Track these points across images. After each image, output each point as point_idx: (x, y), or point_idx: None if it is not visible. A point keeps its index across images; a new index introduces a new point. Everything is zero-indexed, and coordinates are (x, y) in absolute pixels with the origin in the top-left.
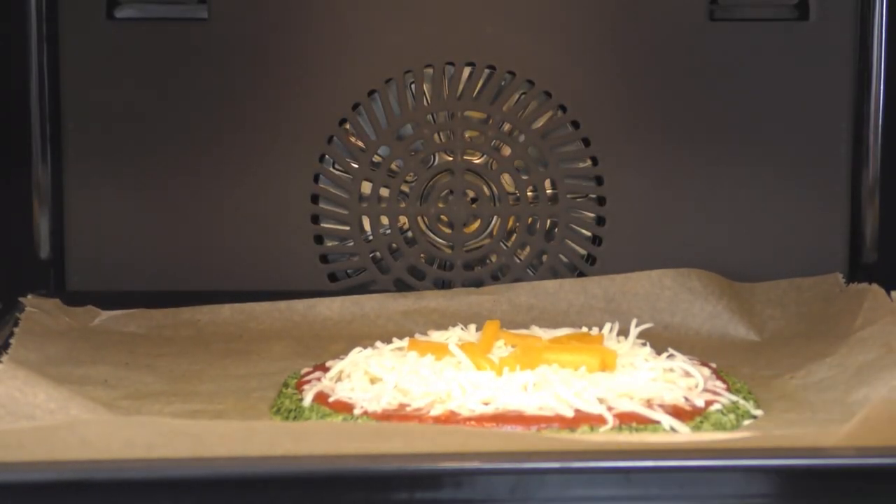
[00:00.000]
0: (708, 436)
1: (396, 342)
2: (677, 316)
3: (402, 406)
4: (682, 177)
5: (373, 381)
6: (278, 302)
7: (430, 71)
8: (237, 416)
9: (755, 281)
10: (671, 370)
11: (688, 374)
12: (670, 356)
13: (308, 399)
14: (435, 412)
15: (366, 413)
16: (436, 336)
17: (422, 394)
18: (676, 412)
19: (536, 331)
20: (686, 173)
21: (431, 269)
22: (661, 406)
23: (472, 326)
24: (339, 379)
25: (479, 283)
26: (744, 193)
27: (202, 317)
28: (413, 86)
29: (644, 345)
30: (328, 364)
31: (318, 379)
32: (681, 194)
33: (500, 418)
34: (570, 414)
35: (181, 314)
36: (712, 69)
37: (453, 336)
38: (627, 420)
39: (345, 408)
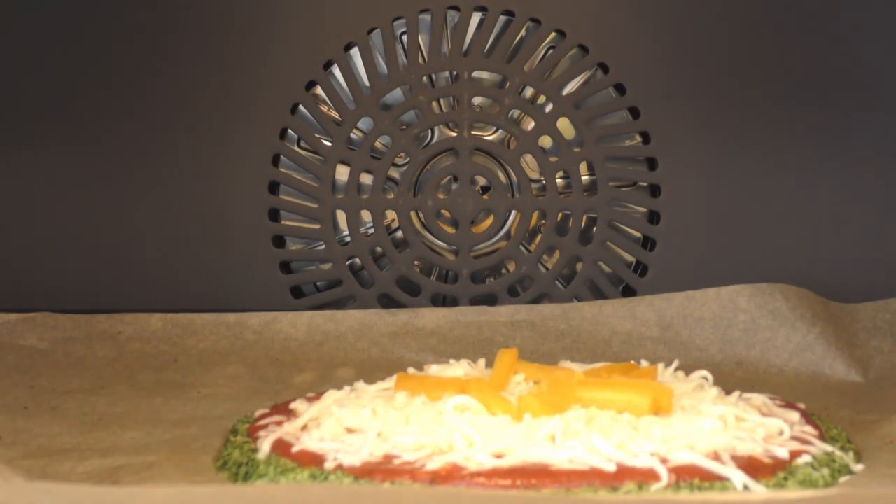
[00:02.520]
0: (794, 495)
1: (381, 384)
2: (755, 348)
3: (389, 458)
4: (761, 160)
5: (350, 430)
6: (226, 314)
7: (426, 17)
8: (172, 472)
9: (855, 299)
10: (745, 413)
11: (767, 416)
12: (744, 395)
13: (264, 449)
14: (433, 466)
15: (340, 467)
16: (434, 372)
17: (413, 445)
18: (752, 466)
19: (568, 365)
20: (766, 155)
21: (429, 280)
22: (733, 458)
23: (482, 361)
24: (305, 428)
25: (491, 301)
26: (845, 182)
27: (124, 328)
28: (404, 37)
29: (707, 380)
30: (292, 406)
31: (278, 423)
32: (760, 183)
33: (519, 474)
34: (611, 468)
35: (97, 323)
36: (792, 19)
37: (457, 371)
38: (687, 475)
39: (312, 460)
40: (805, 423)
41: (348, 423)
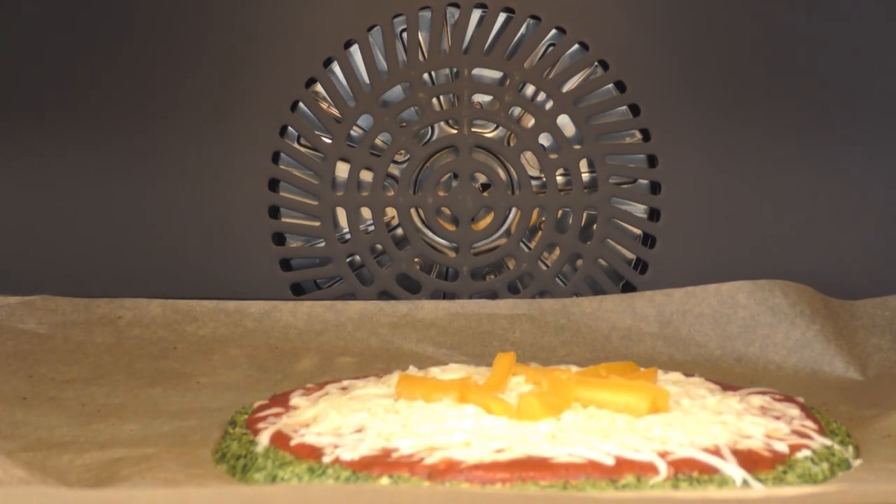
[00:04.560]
0: (792, 491)
1: (383, 383)
2: (754, 345)
3: (387, 452)
4: (760, 157)
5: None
6: (225, 301)
7: (426, 14)
8: (171, 464)
9: (855, 296)
10: (745, 409)
11: (767, 411)
12: (744, 391)
13: (263, 442)
14: (431, 460)
15: (338, 461)
16: (434, 373)
17: (412, 444)
18: (751, 460)
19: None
20: (765, 152)
21: (429, 278)
22: (733, 452)
23: (482, 369)
24: (305, 425)
25: (492, 297)
26: (844, 178)
27: (124, 313)
28: (404, 34)
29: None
30: (293, 402)
31: (277, 415)
32: (759, 181)
33: (518, 466)
34: (609, 462)
35: (96, 307)
36: (792, 17)
37: (458, 374)
38: (686, 469)
39: (311, 454)
40: (805, 417)
41: (348, 422)
